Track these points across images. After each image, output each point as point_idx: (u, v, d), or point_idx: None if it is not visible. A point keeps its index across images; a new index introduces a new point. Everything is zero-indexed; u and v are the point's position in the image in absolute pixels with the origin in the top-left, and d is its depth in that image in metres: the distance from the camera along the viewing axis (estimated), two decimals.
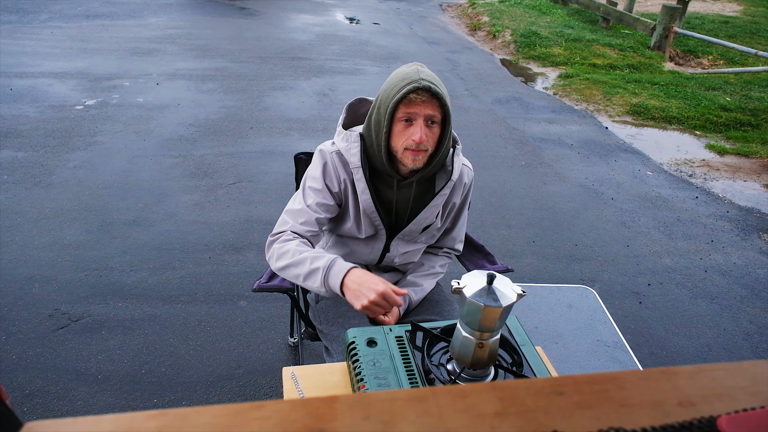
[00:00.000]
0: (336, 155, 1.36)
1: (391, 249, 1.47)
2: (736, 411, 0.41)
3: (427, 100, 1.23)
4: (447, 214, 1.49)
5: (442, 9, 9.84)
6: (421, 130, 1.24)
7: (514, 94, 5.51)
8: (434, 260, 1.58)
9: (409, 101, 1.22)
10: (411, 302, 1.49)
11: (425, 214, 1.40)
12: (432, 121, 1.26)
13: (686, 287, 2.74)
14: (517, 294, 0.95)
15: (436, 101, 1.24)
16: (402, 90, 1.21)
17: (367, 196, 1.35)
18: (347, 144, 1.35)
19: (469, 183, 1.48)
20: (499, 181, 3.64)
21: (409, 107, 1.23)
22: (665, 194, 3.71)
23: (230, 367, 2.02)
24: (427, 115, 1.24)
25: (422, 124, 1.24)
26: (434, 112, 1.25)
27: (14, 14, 6.49)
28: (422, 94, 1.22)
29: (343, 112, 1.44)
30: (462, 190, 1.46)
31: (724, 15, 10.06)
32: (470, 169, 1.49)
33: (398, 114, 1.25)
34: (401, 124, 1.26)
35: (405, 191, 1.38)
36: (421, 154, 1.28)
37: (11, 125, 3.74)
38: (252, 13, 7.83)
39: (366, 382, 1.01)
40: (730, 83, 6.25)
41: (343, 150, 1.35)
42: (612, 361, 2.00)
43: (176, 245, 2.66)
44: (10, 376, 1.89)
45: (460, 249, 1.62)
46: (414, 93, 1.21)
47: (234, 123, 4.12)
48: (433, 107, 1.24)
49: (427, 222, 1.43)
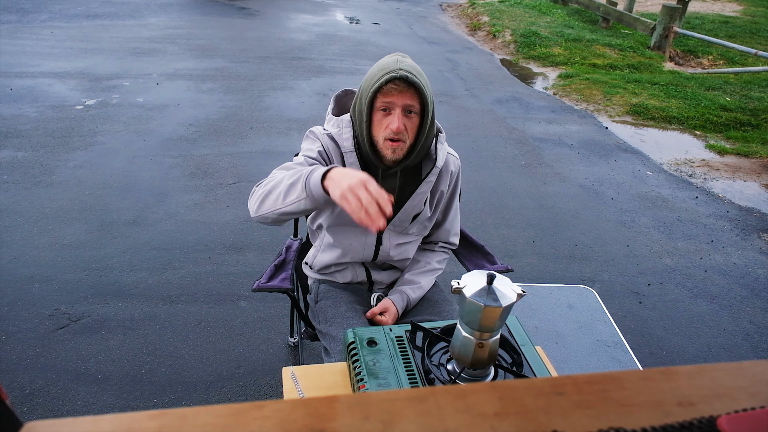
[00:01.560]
0: (328, 137, 1.37)
1: (384, 242, 1.46)
2: (736, 411, 0.41)
3: (405, 89, 1.24)
4: (436, 204, 1.48)
5: (442, 9, 9.84)
6: (399, 120, 1.25)
7: (514, 94, 5.51)
8: (430, 256, 1.58)
9: (386, 91, 1.24)
10: (410, 300, 1.49)
11: (412, 202, 1.41)
12: (410, 111, 1.27)
13: (686, 287, 2.74)
14: (517, 294, 0.95)
15: (413, 91, 1.25)
16: (380, 80, 1.23)
17: None
18: (339, 129, 1.36)
19: (456, 171, 1.48)
20: (499, 181, 3.64)
21: (387, 97, 1.25)
22: (665, 194, 3.71)
23: (230, 367, 2.02)
24: (405, 105, 1.26)
25: (400, 113, 1.25)
26: (412, 102, 1.26)
27: (14, 14, 6.49)
28: (399, 84, 1.23)
29: (331, 102, 1.46)
30: (449, 178, 1.46)
31: (724, 15, 10.06)
32: (456, 158, 1.49)
33: (377, 104, 1.26)
34: (380, 114, 1.27)
35: (390, 181, 1.39)
36: (400, 145, 1.29)
37: (11, 125, 3.74)
38: (252, 13, 7.83)
39: (366, 382, 1.01)
40: (730, 83, 6.25)
41: (335, 135, 1.36)
42: (612, 361, 2.00)
43: (176, 245, 2.66)
44: (10, 376, 1.89)
45: (455, 242, 1.62)
46: (391, 83, 1.23)
47: (234, 123, 4.12)
48: (411, 97, 1.25)
49: (416, 210, 1.43)
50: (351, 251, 1.47)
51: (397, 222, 1.44)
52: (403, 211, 1.42)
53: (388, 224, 1.44)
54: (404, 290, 1.49)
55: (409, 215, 1.43)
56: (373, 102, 1.27)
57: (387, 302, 1.45)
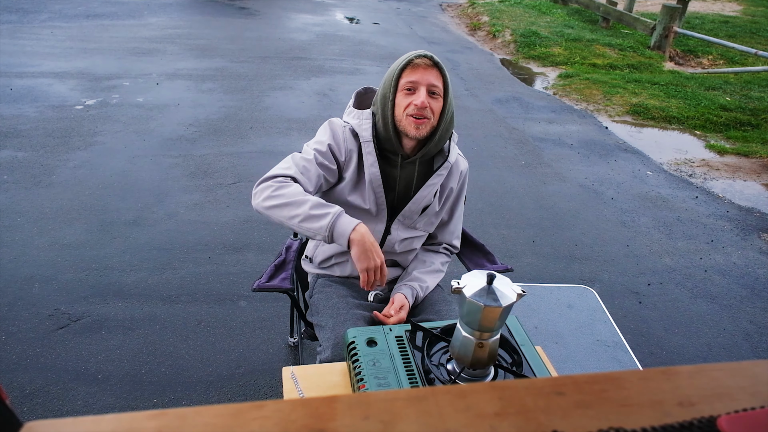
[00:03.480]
0: (348, 130, 1.41)
1: (393, 232, 1.49)
2: (736, 411, 0.41)
3: (430, 66, 1.31)
4: (444, 200, 1.52)
5: (442, 9, 9.84)
6: (424, 96, 1.31)
7: (514, 94, 5.51)
8: (435, 257, 1.60)
9: (413, 66, 1.30)
10: (418, 296, 1.50)
11: (423, 192, 1.44)
12: (434, 92, 1.32)
13: (686, 287, 2.74)
14: (517, 294, 0.95)
15: (437, 71, 1.32)
16: (407, 58, 1.31)
17: (375, 169, 1.39)
18: (359, 121, 1.41)
19: (465, 171, 1.54)
20: (499, 181, 3.64)
21: (413, 72, 1.31)
22: (665, 194, 3.71)
23: (230, 367, 2.02)
24: (429, 84, 1.31)
25: (425, 91, 1.31)
26: (436, 82, 1.32)
27: (14, 14, 6.49)
28: (425, 60, 1.31)
29: (353, 98, 1.50)
30: (458, 177, 1.51)
31: (724, 15, 10.06)
32: (465, 160, 1.56)
33: (401, 82, 1.32)
34: (404, 93, 1.33)
35: (408, 169, 1.43)
36: (424, 122, 1.33)
37: (11, 125, 3.74)
38: (252, 13, 7.83)
39: (366, 382, 1.01)
40: (730, 83, 6.25)
41: (355, 126, 1.41)
42: (612, 361, 2.00)
43: (176, 245, 2.66)
44: (10, 376, 1.89)
45: (457, 246, 1.65)
46: (418, 59, 1.30)
47: (234, 123, 4.12)
48: (436, 76, 1.32)
49: (426, 201, 1.47)
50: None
51: (407, 213, 1.46)
52: (414, 202, 1.45)
53: (398, 215, 1.47)
54: (413, 286, 1.50)
55: (419, 206, 1.46)
56: (399, 80, 1.32)
57: (401, 298, 1.45)
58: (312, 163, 1.35)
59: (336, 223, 1.22)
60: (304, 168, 1.34)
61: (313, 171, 1.35)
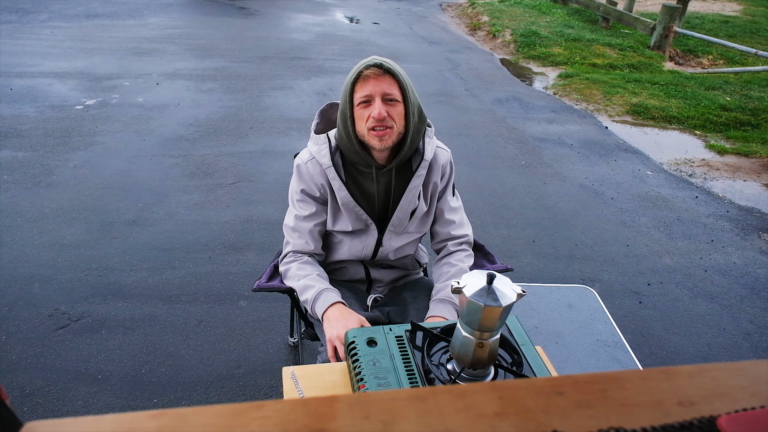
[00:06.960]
0: (310, 164, 1.40)
1: (384, 243, 1.47)
2: (736, 411, 0.41)
3: (381, 75, 1.26)
4: (431, 197, 1.46)
5: (442, 9, 9.84)
6: (380, 107, 1.26)
7: (513, 94, 5.51)
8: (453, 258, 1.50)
9: (364, 79, 1.26)
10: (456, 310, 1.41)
11: (407, 197, 1.41)
12: (390, 99, 1.28)
13: (686, 287, 2.74)
14: (517, 294, 0.95)
15: (390, 78, 1.27)
16: (356, 71, 1.27)
17: (344, 192, 1.37)
18: (318, 147, 1.40)
19: (446, 162, 1.47)
20: (499, 181, 3.64)
21: (365, 85, 1.27)
22: (665, 194, 3.71)
23: (230, 367, 2.02)
24: (384, 93, 1.27)
25: (380, 102, 1.27)
26: (390, 89, 1.27)
27: (14, 14, 6.49)
28: (374, 70, 1.26)
29: (316, 118, 1.47)
30: (439, 170, 1.44)
31: (724, 15, 10.06)
32: (446, 151, 1.48)
33: (356, 97, 1.28)
34: (361, 107, 1.29)
35: (385, 179, 1.40)
36: (387, 132, 1.29)
37: (11, 125, 3.74)
38: (252, 13, 7.83)
39: (366, 381, 1.01)
40: (730, 83, 6.25)
41: (315, 154, 1.39)
42: (612, 360, 2.00)
43: (176, 245, 2.66)
44: (10, 376, 1.89)
45: (467, 233, 1.53)
46: (366, 70, 1.26)
47: (234, 123, 4.12)
48: (389, 84, 1.27)
49: (412, 206, 1.43)
50: (351, 250, 1.48)
51: (396, 222, 1.44)
52: (400, 209, 1.41)
53: (388, 225, 1.44)
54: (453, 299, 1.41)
55: (406, 213, 1.43)
56: (353, 96, 1.29)
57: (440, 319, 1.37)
58: (300, 220, 1.43)
59: (314, 309, 1.36)
60: (299, 234, 1.44)
61: (305, 227, 1.43)
